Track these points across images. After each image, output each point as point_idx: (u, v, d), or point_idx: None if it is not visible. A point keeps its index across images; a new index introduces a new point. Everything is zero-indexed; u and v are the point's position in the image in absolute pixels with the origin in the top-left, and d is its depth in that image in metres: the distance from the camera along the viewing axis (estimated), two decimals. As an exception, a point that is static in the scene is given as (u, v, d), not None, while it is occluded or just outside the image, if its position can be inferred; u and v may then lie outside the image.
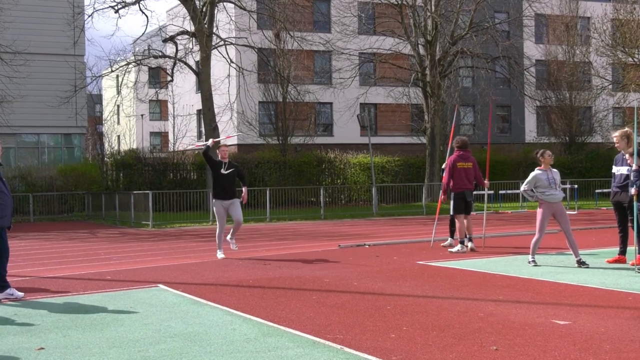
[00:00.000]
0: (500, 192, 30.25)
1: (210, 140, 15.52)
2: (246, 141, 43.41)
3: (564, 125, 47.87)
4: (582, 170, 40.43)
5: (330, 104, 48.22)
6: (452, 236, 16.08)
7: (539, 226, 12.99)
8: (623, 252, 13.04)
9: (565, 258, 13.50)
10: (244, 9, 34.06)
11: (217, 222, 14.89)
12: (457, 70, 42.59)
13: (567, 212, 14.08)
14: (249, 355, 6.76)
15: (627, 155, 12.33)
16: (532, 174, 12.95)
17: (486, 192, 16.83)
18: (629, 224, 12.87)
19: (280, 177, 36.38)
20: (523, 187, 13.21)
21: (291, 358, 6.64)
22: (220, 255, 14.66)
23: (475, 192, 17.39)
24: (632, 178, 12.02)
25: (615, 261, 12.95)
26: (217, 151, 15.18)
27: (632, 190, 11.91)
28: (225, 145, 15.76)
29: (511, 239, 17.93)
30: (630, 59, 45.97)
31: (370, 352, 6.71)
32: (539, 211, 13.06)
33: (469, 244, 15.40)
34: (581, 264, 12.62)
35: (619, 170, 12.90)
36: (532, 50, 48.80)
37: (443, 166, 16.44)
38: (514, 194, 30.83)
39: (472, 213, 16.02)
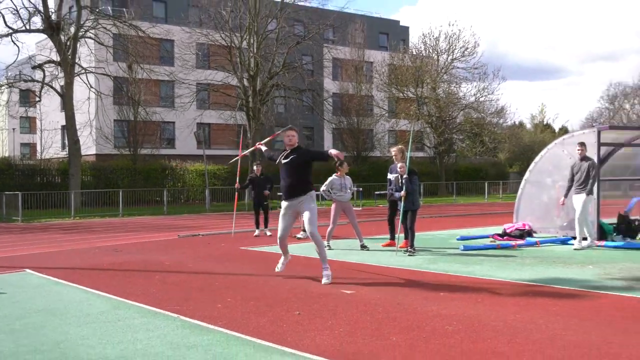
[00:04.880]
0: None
1: (261, 147, 10.63)
2: (103, 152, 43.78)
3: (353, 142, 50.91)
4: (365, 177, 41.76)
5: (173, 122, 48.70)
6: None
7: (332, 219, 13.42)
8: (392, 237, 13.41)
9: (352, 242, 13.77)
10: (102, 44, 34.20)
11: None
12: (273, 99, 44.09)
13: (354, 208, 14.64)
14: (102, 325, 6.55)
15: (399, 165, 12.48)
16: (329, 179, 13.38)
17: None
18: (398, 217, 13.08)
19: (131, 181, 36.29)
20: (322, 188, 13.45)
21: (137, 326, 6.46)
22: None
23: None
24: (402, 184, 12.20)
25: (388, 245, 13.34)
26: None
27: (402, 193, 12.14)
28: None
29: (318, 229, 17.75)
30: (401, 94, 50.09)
31: (200, 319, 6.63)
32: (333, 207, 13.51)
33: (302, 234, 15.18)
34: (363, 247, 13.04)
35: (393, 176, 13.00)
36: (330, 85, 51.86)
37: None
38: (317, 195, 32.20)
39: None
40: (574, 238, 13.09)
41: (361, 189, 31.98)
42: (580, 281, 8.96)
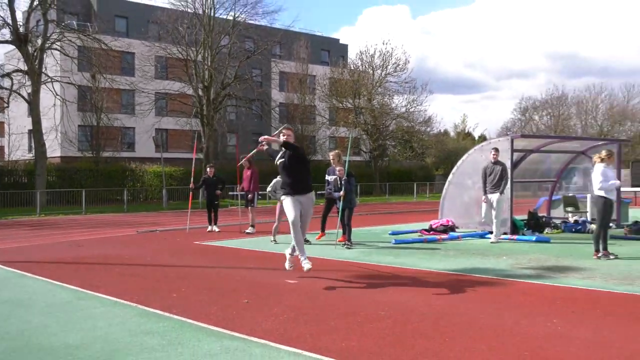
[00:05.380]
0: (261, 192, 31.70)
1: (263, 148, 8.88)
2: (67, 154, 42.71)
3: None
4: None
5: (133, 128, 47.74)
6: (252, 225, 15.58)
7: (277, 216, 13.18)
8: (322, 230, 13.54)
9: None
10: (67, 55, 33.46)
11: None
12: (225, 107, 44.02)
13: None
14: (64, 314, 6.37)
15: (338, 168, 12.54)
16: (274, 180, 12.76)
17: (238, 191, 16.67)
18: (331, 214, 13.34)
19: (94, 181, 35.39)
20: (268, 189, 13.04)
21: (97, 315, 6.31)
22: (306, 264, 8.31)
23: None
24: (341, 185, 12.23)
25: (320, 237, 13.35)
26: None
27: (341, 193, 12.25)
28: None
29: (264, 225, 16.67)
30: (340, 104, 50.51)
31: (157, 308, 6.48)
32: (278, 206, 13.09)
33: (250, 229, 15.43)
34: (306, 241, 12.60)
35: (331, 177, 13.06)
36: (277, 95, 51.61)
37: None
38: (264, 195, 32.06)
39: (249, 207, 15.69)
40: (491, 233, 13.36)
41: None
42: (495, 270, 9.16)
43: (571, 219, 16.06)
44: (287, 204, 8.34)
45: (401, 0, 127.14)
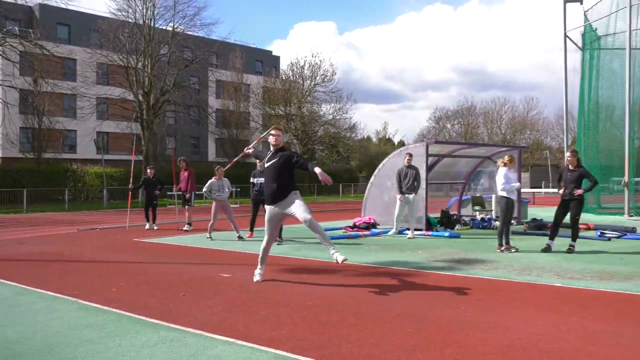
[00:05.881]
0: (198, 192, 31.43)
1: (249, 151, 8.54)
2: (9, 155, 40.90)
3: (233, 150, 50.07)
4: (242, 179, 39.83)
5: (75, 130, 46.28)
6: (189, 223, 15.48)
7: (213, 215, 13.11)
8: (252, 229, 13.34)
9: (230, 234, 13.37)
10: (9, 60, 32.25)
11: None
12: (164, 112, 43.05)
13: (232, 206, 14.36)
14: (4, 309, 6.09)
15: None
16: (209, 181, 13.10)
17: (176, 191, 16.37)
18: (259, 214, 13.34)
19: (35, 181, 33.95)
20: (204, 189, 13.16)
21: (37, 309, 6.06)
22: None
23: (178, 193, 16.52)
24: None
25: (250, 235, 13.16)
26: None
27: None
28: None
29: (201, 223, 16.73)
30: (272, 111, 50.54)
31: (96, 302, 6.27)
32: (213, 205, 13.16)
33: (187, 227, 15.28)
34: (240, 238, 12.80)
35: (258, 180, 12.73)
36: (214, 102, 51.35)
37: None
38: (200, 194, 31.66)
39: (186, 206, 15.61)
40: (408, 229, 13.61)
41: (239, 189, 31.53)
42: (412, 263, 9.33)
43: (478, 217, 16.53)
44: (267, 219, 7.63)
45: (329, 17, 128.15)
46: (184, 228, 15.41)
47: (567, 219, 10.75)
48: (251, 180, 13.24)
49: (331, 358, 4.37)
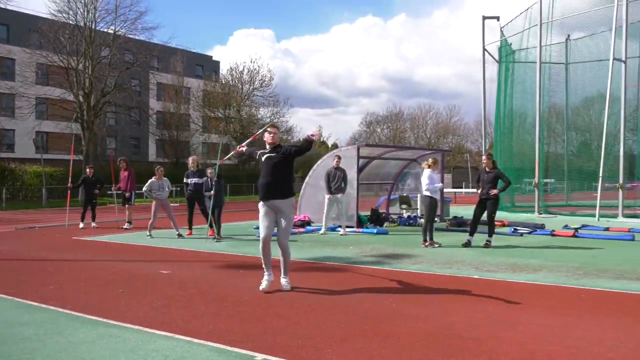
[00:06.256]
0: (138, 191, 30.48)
1: (242, 148, 7.71)
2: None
3: (173, 151, 49.91)
4: (182, 179, 41.26)
5: (13, 130, 44.16)
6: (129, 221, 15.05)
7: (153, 213, 12.80)
8: (190, 227, 13.02)
9: (170, 232, 13.01)
10: None
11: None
12: (105, 113, 41.77)
13: (172, 204, 14.00)
14: None
15: (209, 170, 12.20)
16: (149, 181, 12.76)
17: (115, 191, 16.07)
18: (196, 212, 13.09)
19: None
20: (145, 188, 12.71)
21: None
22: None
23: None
24: (212, 186, 12.01)
25: (189, 233, 12.86)
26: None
27: (212, 192, 11.98)
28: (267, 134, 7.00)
29: (141, 222, 16.07)
30: (212, 114, 49.94)
31: (34, 300, 5.99)
32: (153, 204, 12.90)
33: (127, 225, 14.92)
34: (179, 236, 12.43)
35: (191, 181, 12.92)
36: (155, 104, 50.14)
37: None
38: (141, 193, 30.76)
39: (126, 205, 15.23)
40: (340, 227, 13.72)
41: (178, 188, 30.62)
42: (344, 258, 9.41)
43: (405, 215, 16.85)
44: (260, 216, 6.69)
45: (267, 25, 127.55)
46: (124, 226, 15.03)
47: (485, 216, 11.11)
48: (185, 180, 13.09)
49: (266, 349, 4.34)
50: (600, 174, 17.91)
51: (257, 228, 14.55)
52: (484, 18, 23.21)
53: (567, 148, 24.04)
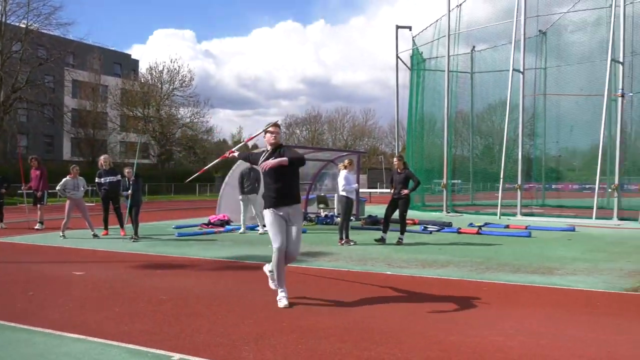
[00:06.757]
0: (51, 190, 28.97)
1: (234, 154, 6.65)
2: None
3: (89, 150, 47.77)
4: (95, 178, 39.75)
5: None
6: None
7: (67, 213, 12.09)
8: (106, 227, 12.79)
9: (85, 232, 12.39)
10: None
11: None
12: (16, 110, 39.76)
13: (87, 204, 13.14)
14: None
15: (126, 170, 11.79)
16: (63, 180, 12.08)
17: (25, 190, 15.26)
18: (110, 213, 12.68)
19: None
20: (58, 187, 12.11)
21: None
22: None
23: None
24: (129, 185, 11.64)
25: (105, 234, 12.50)
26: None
27: (129, 192, 11.64)
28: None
29: (53, 222, 15.35)
30: (131, 113, 48.31)
31: None
32: (67, 203, 12.16)
33: (39, 225, 14.11)
34: (95, 236, 11.93)
35: (106, 180, 12.41)
36: (70, 101, 47.87)
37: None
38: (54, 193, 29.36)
39: (38, 205, 14.43)
40: (258, 226, 13.62)
41: (94, 187, 29.70)
42: (262, 257, 9.31)
43: (322, 214, 17.00)
44: (270, 223, 5.73)
45: (188, 25, 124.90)
46: (36, 227, 14.21)
47: (396, 215, 11.41)
48: (97, 180, 12.66)
49: (183, 349, 4.23)
50: (502, 176, 18.90)
51: (176, 227, 14.43)
52: (398, 27, 23.87)
53: (472, 151, 25.18)
